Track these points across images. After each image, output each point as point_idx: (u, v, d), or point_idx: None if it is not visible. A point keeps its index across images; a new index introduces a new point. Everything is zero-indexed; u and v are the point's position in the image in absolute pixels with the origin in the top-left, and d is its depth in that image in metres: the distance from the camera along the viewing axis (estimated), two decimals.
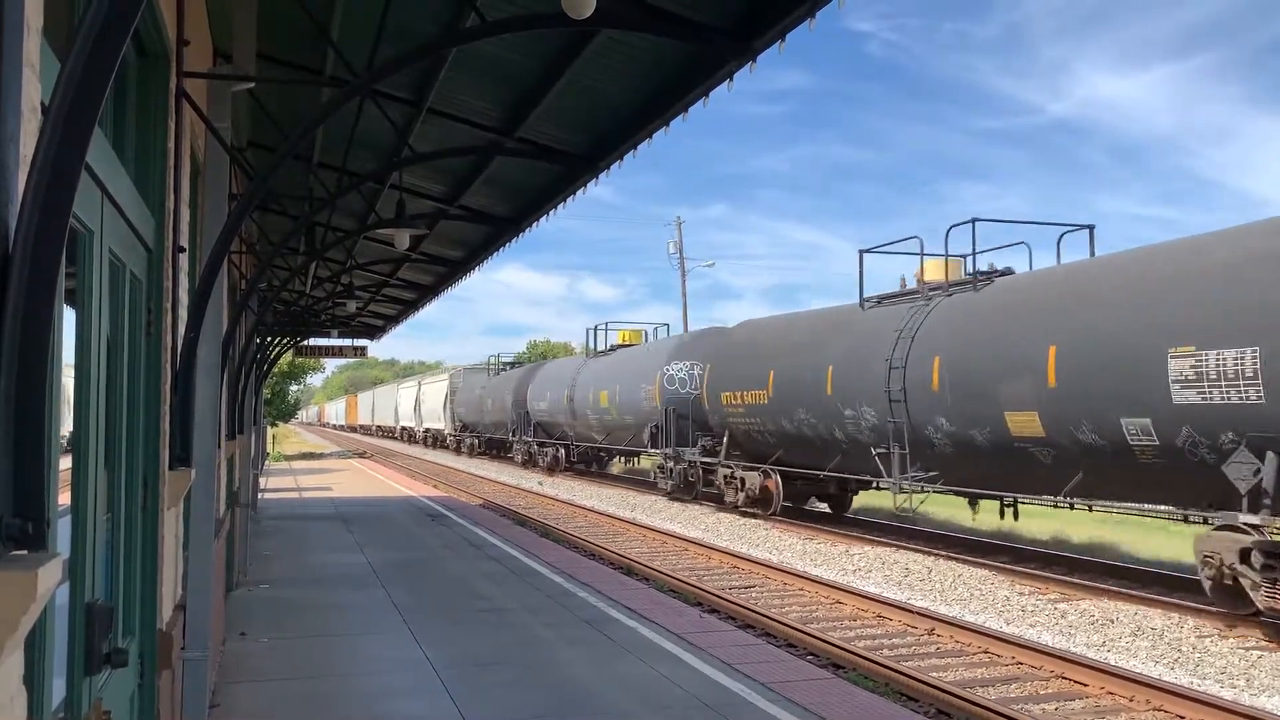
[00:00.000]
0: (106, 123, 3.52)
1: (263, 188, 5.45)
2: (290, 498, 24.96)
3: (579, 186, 9.25)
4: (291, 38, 7.53)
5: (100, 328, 3.03)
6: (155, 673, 4.13)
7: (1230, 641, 10.42)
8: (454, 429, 54.54)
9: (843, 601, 12.80)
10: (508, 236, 12.01)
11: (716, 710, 6.85)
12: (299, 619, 9.95)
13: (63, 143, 1.60)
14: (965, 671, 9.57)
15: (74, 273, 2.78)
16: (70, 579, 2.75)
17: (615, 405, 30.08)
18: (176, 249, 4.53)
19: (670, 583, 13.95)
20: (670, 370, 26.00)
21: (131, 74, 4.12)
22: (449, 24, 6.78)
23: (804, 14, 5.25)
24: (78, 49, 1.59)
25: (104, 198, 3.01)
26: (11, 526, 1.57)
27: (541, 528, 20.48)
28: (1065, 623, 11.42)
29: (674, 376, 25.77)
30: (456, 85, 7.89)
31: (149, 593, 4.08)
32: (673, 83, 6.81)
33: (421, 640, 8.90)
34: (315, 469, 38.86)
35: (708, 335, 26.73)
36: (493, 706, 6.95)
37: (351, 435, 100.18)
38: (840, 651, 9.97)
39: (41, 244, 1.59)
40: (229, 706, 6.96)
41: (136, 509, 3.91)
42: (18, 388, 1.57)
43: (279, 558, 14.05)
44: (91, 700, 2.89)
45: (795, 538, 18.77)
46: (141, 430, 3.98)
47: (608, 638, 9.06)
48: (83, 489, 2.87)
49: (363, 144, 9.42)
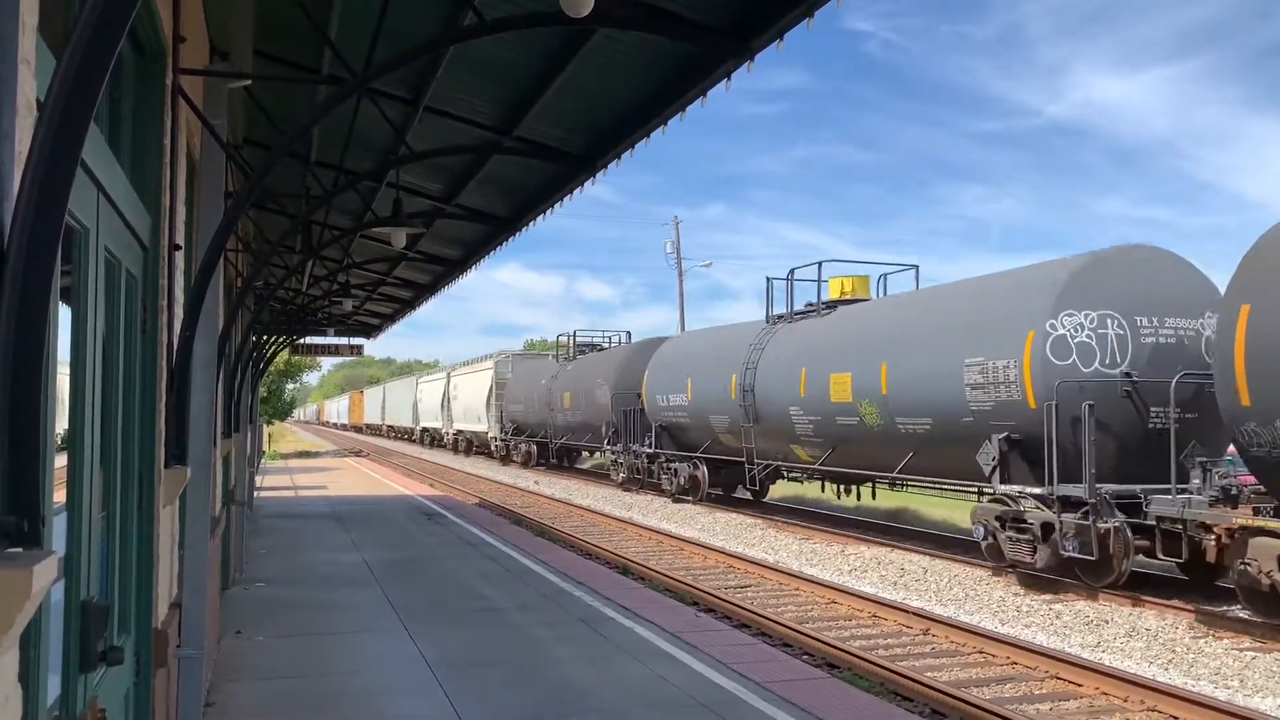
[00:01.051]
0: (102, 120, 3.52)
1: (259, 185, 5.45)
2: (286, 496, 24.94)
3: (576, 186, 9.24)
4: (289, 35, 7.53)
5: (96, 325, 3.03)
6: (151, 671, 4.12)
7: (1224, 642, 10.44)
8: (501, 432, 43.52)
9: (838, 601, 12.81)
10: (505, 235, 12.00)
11: (712, 709, 6.86)
12: (294, 617, 9.94)
13: (58, 140, 1.60)
14: (960, 671, 9.59)
15: (69, 270, 2.77)
16: (66, 577, 2.74)
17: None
18: (172, 247, 4.52)
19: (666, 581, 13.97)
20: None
21: (128, 71, 4.12)
22: (447, 22, 6.77)
23: (802, 13, 5.25)
24: (73, 46, 1.59)
25: (100, 195, 3.00)
26: (7, 524, 1.57)
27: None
28: (1060, 623, 11.44)
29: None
30: (454, 84, 7.89)
31: (144, 591, 4.07)
32: (671, 82, 6.81)
33: (417, 638, 8.89)
34: (311, 468, 38.83)
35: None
36: (488, 705, 6.95)
37: (357, 436, 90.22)
38: (836, 651, 9.98)
39: (37, 241, 1.59)
40: (224, 705, 6.96)
41: (132, 507, 3.90)
42: (13, 385, 1.57)
43: (274, 556, 14.04)
44: (87, 698, 2.89)
45: (791, 537, 18.79)
46: (137, 428, 3.97)
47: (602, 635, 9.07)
48: (78, 487, 2.86)
49: (360, 142, 9.41)
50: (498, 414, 43.90)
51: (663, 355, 27.10)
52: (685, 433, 25.26)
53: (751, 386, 20.97)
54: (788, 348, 20.20)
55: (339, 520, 18.94)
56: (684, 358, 25.58)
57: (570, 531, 19.91)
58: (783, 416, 19.90)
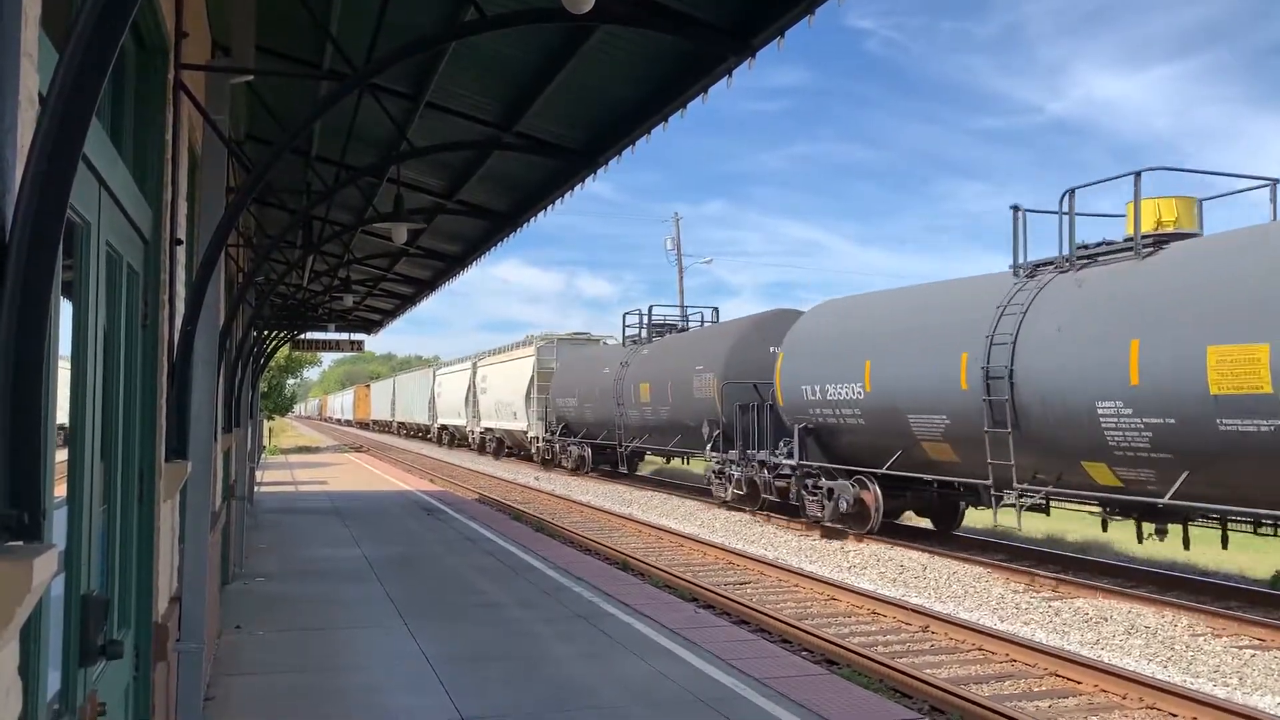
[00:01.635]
0: (104, 115, 3.52)
1: (260, 181, 5.44)
2: (287, 491, 24.95)
3: (577, 182, 9.24)
4: (290, 31, 7.52)
5: (97, 320, 3.03)
6: (150, 665, 4.13)
7: (1224, 640, 10.45)
8: (545, 431, 36.94)
9: (837, 598, 12.82)
10: (506, 232, 12.00)
11: (710, 705, 6.87)
12: (294, 612, 9.95)
13: (60, 134, 1.60)
14: (959, 668, 9.60)
15: (71, 264, 2.78)
16: (66, 570, 2.75)
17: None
18: (174, 241, 4.52)
19: (665, 578, 13.97)
20: None
21: (129, 66, 4.12)
22: (448, 18, 6.77)
23: (803, 11, 5.24)
24: (75, 40, 1.59)
25: (101, 189, 3.01)
26: (8, 517, 1.57)
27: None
28: (1059, 620, 11.45)
29: None
30: (455, 79, 7.89)
31: (144, 585, 4.08)
32: (672, 79, 6.81)
33: (417, 634, 8.90)
34: (311, 463, 38.85)
35: None
36: (488, 700, 6.96)
37: (361, 433, 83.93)
38: (835, 648, 9.99)
39: (38, 235, 1.59)
40: (224, 699, 6.97)
41: (133, 501, 3.91)
42: (14, 379, 1.57)
43: (275, 551, 14.05)
44: (86, 692, 2.90)
45: (791, 534, 18.80)
46: (138, 422, 3.98)
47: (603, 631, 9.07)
48: (79, 481, 2.86)
49: (361, 138, 9.41)
50: (540, 410, 37.31)
51: (810, 330, 19.47)
52: (848, 439, 17.95)
53: (1008, 371, 13.84)
54: (1085, 309, 13.03)
55: (339, 515, 18.95)
56: (854, 333, 17.87)
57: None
58: (1078, 417, 12.81)
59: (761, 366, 21.58)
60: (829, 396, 17.97)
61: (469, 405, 48.25)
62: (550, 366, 37.37)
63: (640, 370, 28.22)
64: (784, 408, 19.59)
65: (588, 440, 32.65)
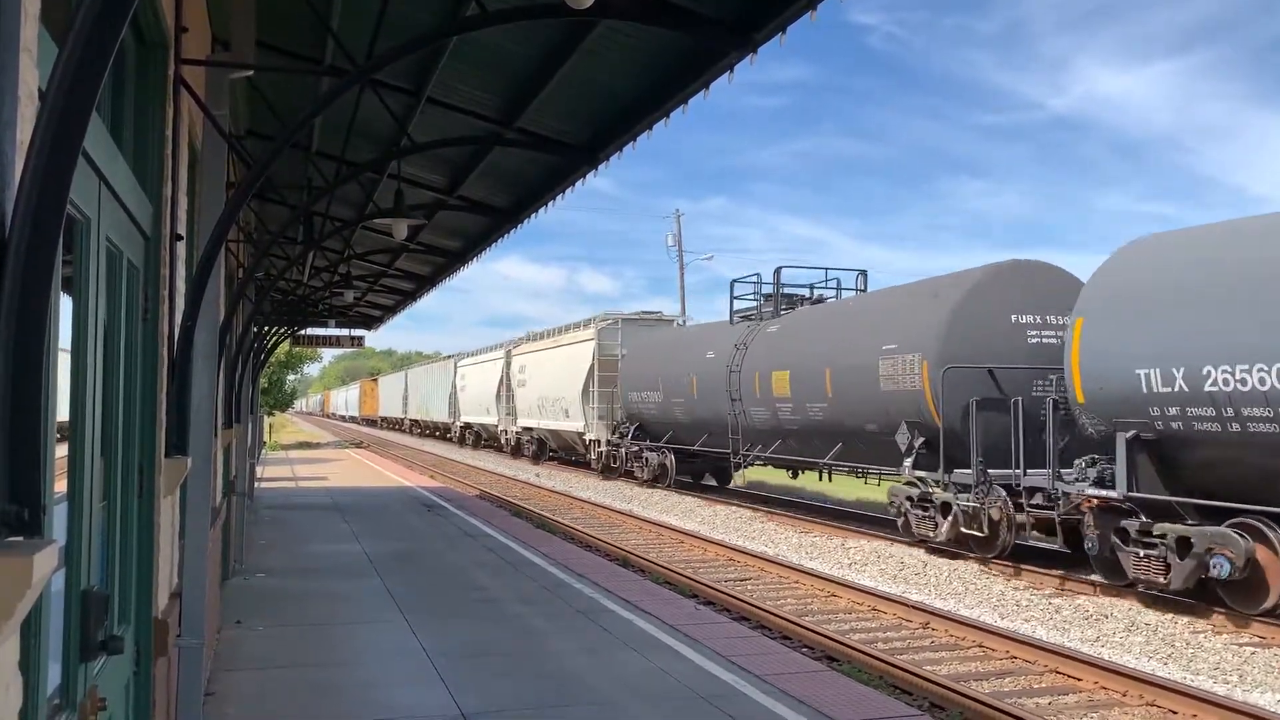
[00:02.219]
0: (104, 110, 3.51)
1: (261, 176, 5.43)
2: (287, 487, 24.96)
3: (578, 178, 9.24)
4: (291, 26, 7.51)
5: (97, 315, 3.03)
6: (151, 660, 4.13)
7: (1224, 638, 10.45)
8: (612, 433, 29.96)
9: (838, 595, 12.83)
10: (506, 227, 11.99)
11: (711, 701, 6.87)
12: (295, 608, 9.96)
13: (60, 129, 1.60)
14: (959, 665, 9.60)
15: (71, 260, 2.77)
16: (66, 566, 2.75)
17: None
18: (174, 237, 4.51)
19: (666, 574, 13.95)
20: None
21: (129, 61, 4.11)
22: (449, 13, 6.76)
23: (805, 6, 5.22)
24: (75, 35, 1.58)
25: (101, 185, 3.00)
26: (8, 513, 1.57)
27: None
28: (1060, 618, 11.45)
29: None
30: (456, 75, 7.88)
31: (145, 580, 4.08)
32: (673, 74, 6.79)
33: (417, 629, 8.91)
34: (312, 459, 38.87)
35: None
36: (487, 695, 6.96)
37: (369, 431, 78.02)
38: (835, 644, 9.99)
39: (38, 231, 1.59)
40: (224, 694, 6.97)
41: (133, 497, 3.91)
42: (14, 375, 1.57)
43: (275, 547, 14.06)
44: (87, 687, 2.90)
45: (791, 531, 18.80)
46: (138, 418, 3.98)
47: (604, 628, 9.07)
48: (79, 476, 2.86)
49: (361, 133, 9.40)
50: (605, 407, 30.22)
51: (1150, 276, 12.06)
52: (1250, 459, 10.75)
53: None
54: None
55: (339, 511, 18.96)
56: (1242, 275, 10.82)
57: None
58: None
59: (1001, 345, 15.16)
60: (1208, 388, 10.82)
61: (502, 401, 41.04)
62: (613, 354, 30.07)
63: (769, 354, 20.87)
64: (1087, 405, 12.48)
65: (674, 445, 26.17)
